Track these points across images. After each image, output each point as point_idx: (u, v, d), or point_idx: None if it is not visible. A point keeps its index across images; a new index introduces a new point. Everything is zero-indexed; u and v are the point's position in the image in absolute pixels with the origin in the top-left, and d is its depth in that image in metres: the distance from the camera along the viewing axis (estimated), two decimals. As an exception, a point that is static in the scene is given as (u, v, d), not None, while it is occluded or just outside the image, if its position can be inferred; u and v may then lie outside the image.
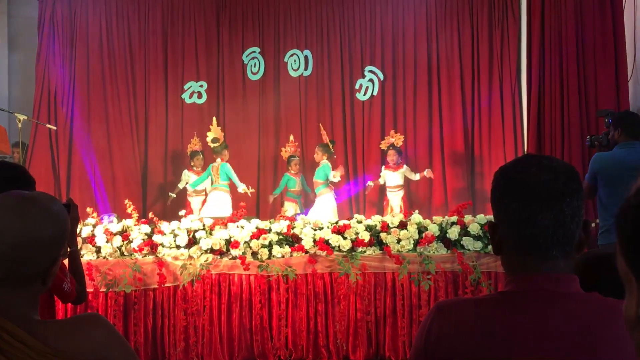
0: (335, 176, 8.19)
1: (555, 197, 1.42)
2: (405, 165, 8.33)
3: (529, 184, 1.45)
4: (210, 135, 8.52)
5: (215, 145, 8.47)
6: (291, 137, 8.74)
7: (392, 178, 8.23)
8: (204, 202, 8.45)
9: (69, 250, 2.77)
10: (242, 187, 8.11)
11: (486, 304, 1.51)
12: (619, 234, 0.77)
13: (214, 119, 8.66)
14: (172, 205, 8.67)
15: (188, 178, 8.60)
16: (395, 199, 8.17)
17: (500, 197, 1.50)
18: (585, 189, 5.06)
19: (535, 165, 1.48)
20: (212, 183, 8.38)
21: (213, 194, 8.31)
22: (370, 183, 8.40)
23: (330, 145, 8.35)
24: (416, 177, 8.32)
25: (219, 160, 8.34)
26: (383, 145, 8.47)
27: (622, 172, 4.85)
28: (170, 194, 8.71)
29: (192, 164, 8.63)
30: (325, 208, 8.12)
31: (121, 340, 1.57)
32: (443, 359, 1.46)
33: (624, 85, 6.33)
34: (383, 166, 8.42)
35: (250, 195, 8.16)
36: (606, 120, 5.51)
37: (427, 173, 8.20)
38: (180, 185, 8.69)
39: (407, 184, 8.49)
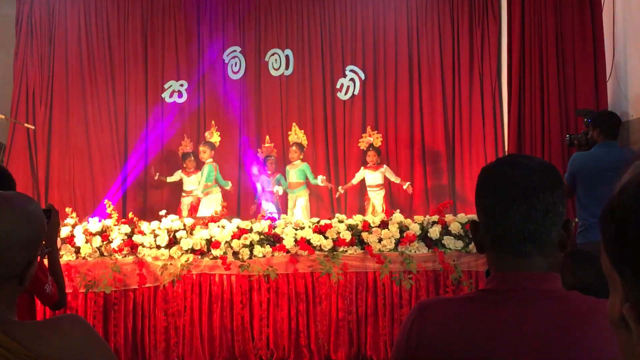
0: (323, 181, 8.20)
1: (526, 192, 1.45)
2: (385, 166, 8.31)
3: (502, 180, 1.49)
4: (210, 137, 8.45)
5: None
6: (267, 138, 8.74)
7: (372, 177, 8.20)
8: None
9: (46, 249, 2.74)
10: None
11: (467, 303, 1.52)
12: (603, 234, 0.77)
13: (213, 122, 8.60)
14: (152, 205, 8.63)
15: (181, 177, 8.52)
16: (377, 198, 8.14)
17: (478, 195, 1.53)
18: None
19: (509, 163, 1.52)
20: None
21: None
22: (340, 189, 8.36)
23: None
24: (397, 179, 8.29)
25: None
26: (362, 145, 8.41)
27: (601, 172, 4.89)
28: (160, 177, 8.61)
29: (185, 165, 8.54)
30: (304, 210, 8.15)
31: (100, 342, 1.55)
32: (424, 358, 1.46)
33: (602, 84, 6.38)
34: (362, 167, 8.37)
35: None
36: (585, 119, 5.55)
37: (407, 188, 8.16)
38: (170, 180, 8.62)
39: (388, 183, 8.50)
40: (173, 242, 6.02)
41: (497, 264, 1.50)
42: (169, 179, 8.63)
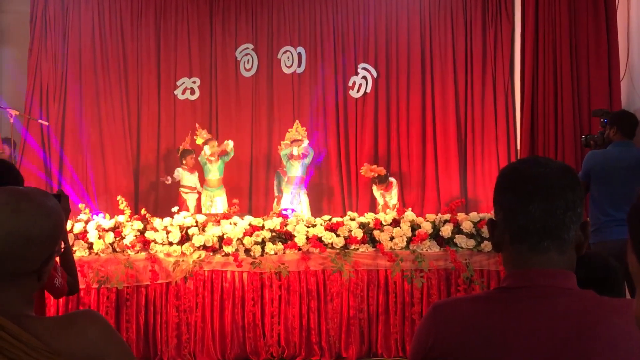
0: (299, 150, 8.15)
1: (547, 188, 1.45)
2: (393, 186, 8.21)
3: (523, 175, 1.50)
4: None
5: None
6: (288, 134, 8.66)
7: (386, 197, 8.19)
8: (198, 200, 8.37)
9: (63, 246, 2.76)
10: None
11: (482, 301, 1.52)
12: (631, 232, 0.77)
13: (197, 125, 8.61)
14: (165, 202, 8.66)
15: (182, 175, 8.53)
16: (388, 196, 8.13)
17: (498, 191, 1.54)
18: None
19: (530, 161, 1.54)
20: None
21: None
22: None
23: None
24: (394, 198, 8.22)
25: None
26: (366, 173, 8.30)
27: (615, 171, 4.86)
28: (166, 179, 8.64)
29: (184, 162, 8.51)
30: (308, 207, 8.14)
31: (117, 338, 1.56)
32: (441, 358, 1.47)
33: (616, 84, 6.35)
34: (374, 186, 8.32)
35: None
36: (602, 119, 5.52)
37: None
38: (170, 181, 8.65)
39: (400, 180, 8.48)
40: (185, 238, 6.04)
41: (514, 262, 1.50)
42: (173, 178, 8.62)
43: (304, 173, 8.21)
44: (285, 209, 6.99)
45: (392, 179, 8.20)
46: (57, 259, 2.96)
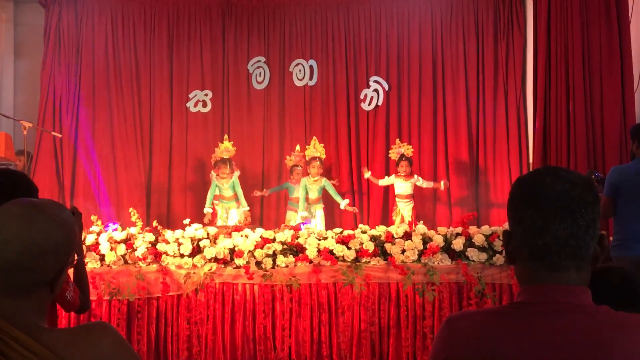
0: (347, 206, 8.12)
1: (570, 208, 1.42)
2: (416, 176, 8.19)
3: (544, 193, 1.46)
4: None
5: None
6: (297, 147, 8.64)
7: (402, 187, 8.10)
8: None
9: (76, 258, 2.76)
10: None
11: (497, 316, 1.51)
12: None
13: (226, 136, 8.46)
14: (176, 214, 8.68)
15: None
16: (406, 209, 8.05)
17: (516, 206, 1.50)
18: (605, 204, 4.83)
19: (551, 175, 1.49)
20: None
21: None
22: (366, 173, 8.32)
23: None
24: (430, 184, 8.18)
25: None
26: (393, 155, 8.30)
27: None
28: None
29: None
30: (322, 222, 8.07)
31: (129, 349, 1.56)
32: None
33: (630, 96, 6.32)
34: (393, 175, 8.25)
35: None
36: (594, 176, 5.25)
37: (442, 185, 8.12)
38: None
39: (419, 193, 8.45)
40: (196, 250, 6.04)
41: (529, 277, 1.49)
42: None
43: (320, 193, 8.15)
44: (305, 222, 6.98)
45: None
46: (70, 272, 2.97)
